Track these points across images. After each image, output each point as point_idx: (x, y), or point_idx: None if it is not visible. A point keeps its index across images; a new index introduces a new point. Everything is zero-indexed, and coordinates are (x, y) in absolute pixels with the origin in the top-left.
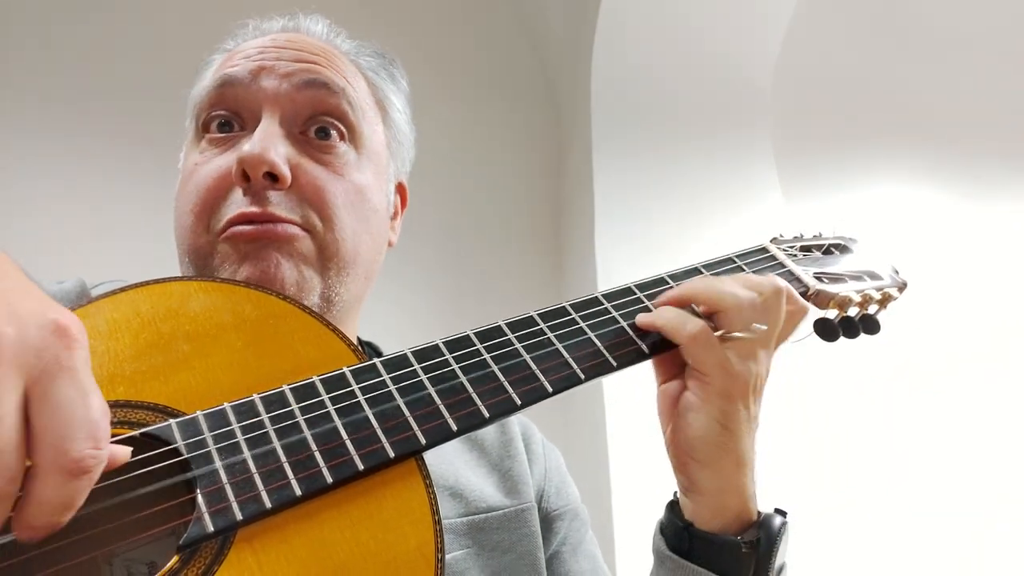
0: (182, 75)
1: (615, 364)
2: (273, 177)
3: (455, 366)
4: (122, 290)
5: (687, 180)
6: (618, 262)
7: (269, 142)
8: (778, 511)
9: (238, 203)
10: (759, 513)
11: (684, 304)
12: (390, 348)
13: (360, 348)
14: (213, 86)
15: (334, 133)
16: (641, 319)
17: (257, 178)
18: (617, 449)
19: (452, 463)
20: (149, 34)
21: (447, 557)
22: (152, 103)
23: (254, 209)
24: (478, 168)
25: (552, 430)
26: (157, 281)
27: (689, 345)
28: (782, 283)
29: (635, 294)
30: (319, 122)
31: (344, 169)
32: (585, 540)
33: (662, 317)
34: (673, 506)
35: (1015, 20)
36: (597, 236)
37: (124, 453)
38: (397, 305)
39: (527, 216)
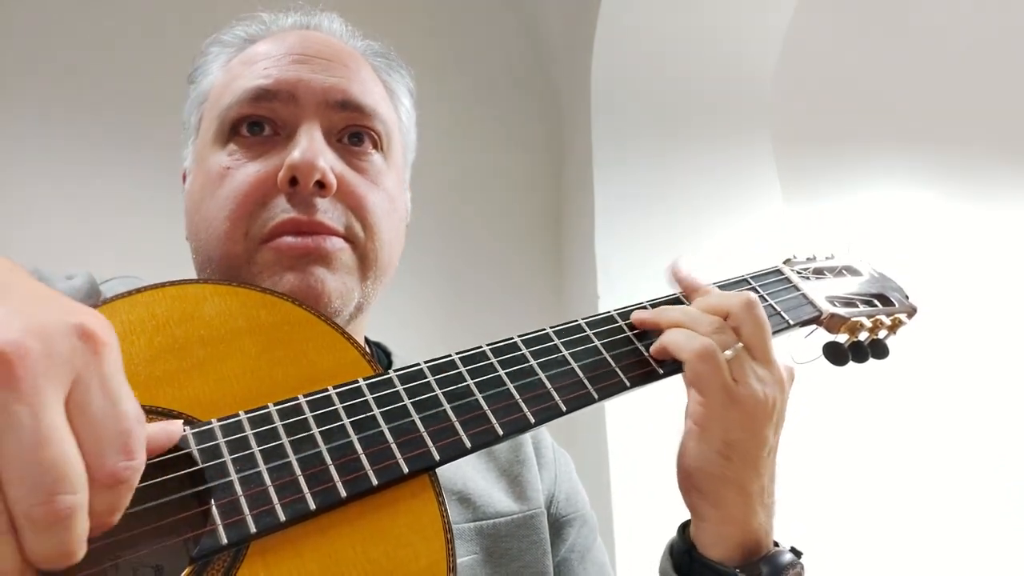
0: (184, 73)
1: (628, 384)
2: (319, 184)
3: (470, 382)
4: (138, 291)
5: (687, 180)
6: (618, 262)
7: (318, 148)
8: (793, 550)
9: (284, 209)
10: (775, 544)
11: (658, 329)
12: (392, 348)
13: (372, 355)
14: (247, 97)
15: (367, 139)
16: (655, 347)
17: (308, 185)
18: (617, 452)
19: (460, 467)
20: (150, 33)
21: None
22: (154, 103)
23: (303, 216)
24: (478, 168)
25: (552, 432)
26: (173, 283)
27: (692, 361)
28: (751, 295)
29: (648, 310)
30: (354, 130)
31: (378, 177)
32: (593, 548)
33: (669, 335)
34: (685, 527)
35: (1015, 21)
36: (597, 236)
37: (174, 434)
38: (396, 306)
39: (527, 216)
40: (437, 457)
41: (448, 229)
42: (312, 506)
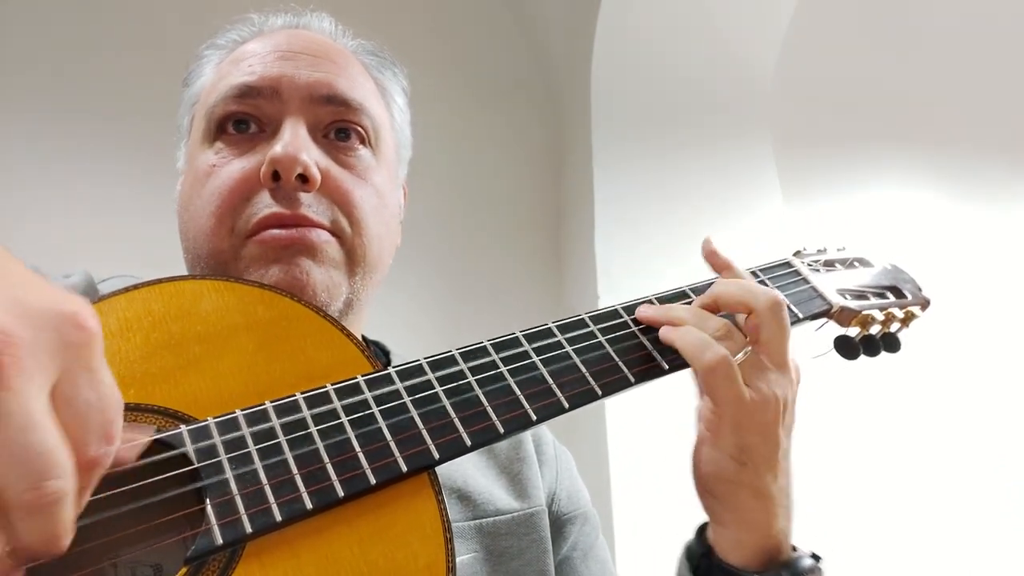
0: (182, 75)
1: (633, 380)
2: (302, 179)
3: (471, 378)
4: (135, 287)
5: (687, 181)
6: (618, 263)
7: (301, 143)
8: (813, 555)
9: (267, 204)
10: (794, 549)
11: (713, 310)
12: (390, 347)
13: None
14: (231, 94)
15: (354, 135)
16: (664, 333)
17: (289, 179)
18: (617, 449)
19: (460, 465)
20: (150, 34)
21: None
22: (154, 103)
23: (286, 210)
24: (478, 169)
25: (551, 429)
26: (170, 279)
27: (706, 375)
28: (779, 297)
29: (655, 306)
30: (340, 125)
31: (366, 173)
32: (595, 545)
33: (683, 338)
34: (703, 529)
35: (1015, 20)
36: (597, 237)
37: (131, 456)
38: (396, 306)
39: (527, 217)
40: (436, 455)
41: (448, 229)
42: (309, 505)
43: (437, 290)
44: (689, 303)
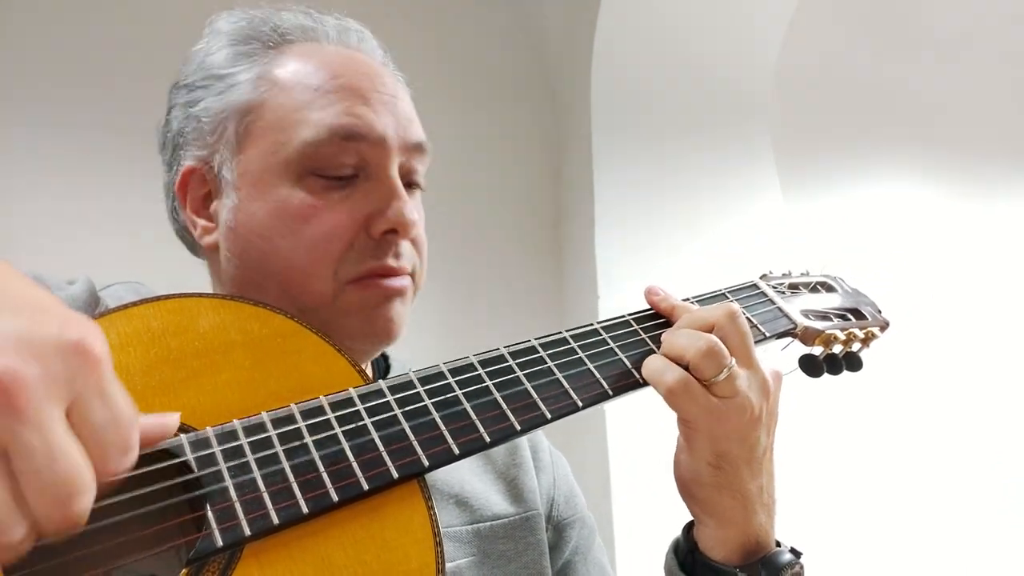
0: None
1: (611, 394)
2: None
3: (458, 392)
4: (133, 305)
5: (687, 181)
6: (618, 263)
7: (410, 202)
8: (793, 550)
9: (374, 255)
10: (777, 544)
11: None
12: (390, 351)
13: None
14: (335, 136)
15: (417, 181)
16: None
17: (405, 238)
18: (617, 452)
19: (457, 471)
20: (151, 32)
21: (450, 566)
22: (157, 109)
23: (394, 263)
24: (478, 170)
25: (553, 437)
26: (168, 296)
27: (667, 397)
28: (733, 306)
29: (632, 326)
30: (413, 177)
31: (421, 212)
32: (593, 547)
33: (647, 366)
34: (690, 526)
35: (1015, 20)
36: (597, 238)
37: (169, 427)
38: None
39: (527, 218)
40: (426, 463)
41: (448, 230)
42: (305, 510)
43: (437, 290)
44: (663, 320)
